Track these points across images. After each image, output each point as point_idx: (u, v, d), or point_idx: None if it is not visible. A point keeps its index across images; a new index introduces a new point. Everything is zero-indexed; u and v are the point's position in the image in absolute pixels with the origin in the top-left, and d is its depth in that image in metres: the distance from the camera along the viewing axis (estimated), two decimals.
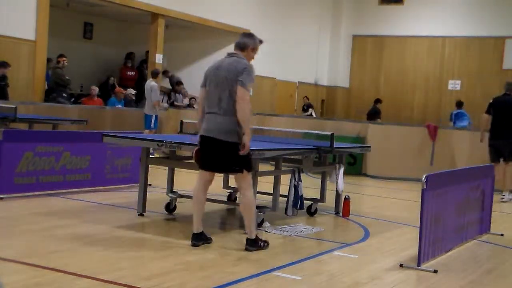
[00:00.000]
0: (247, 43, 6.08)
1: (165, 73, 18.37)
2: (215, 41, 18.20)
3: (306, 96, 21.21)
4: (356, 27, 23.14)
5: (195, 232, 6.00)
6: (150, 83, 13.65)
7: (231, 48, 6.21)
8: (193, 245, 5.95)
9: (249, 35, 6.18)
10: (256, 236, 6.02)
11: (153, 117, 13.51)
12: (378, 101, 20.51)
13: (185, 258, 5.49)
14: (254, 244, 5.95)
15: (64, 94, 13.92)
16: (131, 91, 16.74)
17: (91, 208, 7.69)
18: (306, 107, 21.01)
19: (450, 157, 12.69)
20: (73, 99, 15.41)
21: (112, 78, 17.74)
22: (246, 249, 5.91)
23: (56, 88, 13.84)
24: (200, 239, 5.99)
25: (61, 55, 14.18)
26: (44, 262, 5.00)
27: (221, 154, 5.89)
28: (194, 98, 17.48)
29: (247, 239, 5.99)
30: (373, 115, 19.49)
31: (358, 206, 8.97)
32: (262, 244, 6.02)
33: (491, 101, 11.34)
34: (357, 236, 7.05)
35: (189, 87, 17.91)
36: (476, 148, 12.19)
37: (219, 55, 18.38)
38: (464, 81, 21.74)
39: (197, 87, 6.36)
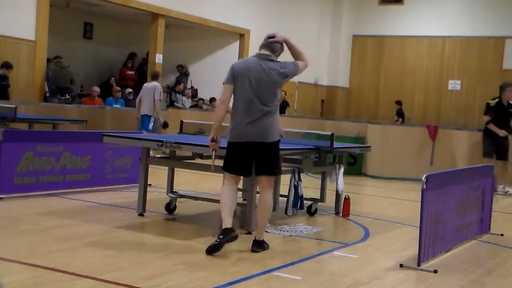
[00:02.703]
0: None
1: (182, 67, 18.38)
2: (215, 41, 18.21)
3: (283, 91, 19.58)
4: (356, 27, 23.14)
5: (228, 229, 5.68)
6: (153, 83, 13.13)
7: (231, 48, 6.16)
8: (253, 250, 5.83)
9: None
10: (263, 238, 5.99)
11: (152, 119, 12.86)
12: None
13: (185, 258, 5.49)
14: (261, 246, 5.90)
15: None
16: (129, 91, 16.73)
17: (91, 208, 7.68)
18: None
19: (450, 157, 12.68)
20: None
21: (112, 78, 17.78)
22: (254, 251, 5.81)
23: (69, 87, 14.11)
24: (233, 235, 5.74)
25: (59, 56, 14.39)
26: (44, 262, 4.99)
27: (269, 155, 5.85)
28: (202, 99, 17.29)
29: (256, 241, 5.89)
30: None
31: (358, 206, 8.96)
32: (266, 245, 5.98)
33: None
34: (357, 236, 7.04)
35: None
36: (476, 148, 12.19)
37: (219, 55, 18.66)
38: (464, 81, 21.74)
39: (198, 87, 6.30)
